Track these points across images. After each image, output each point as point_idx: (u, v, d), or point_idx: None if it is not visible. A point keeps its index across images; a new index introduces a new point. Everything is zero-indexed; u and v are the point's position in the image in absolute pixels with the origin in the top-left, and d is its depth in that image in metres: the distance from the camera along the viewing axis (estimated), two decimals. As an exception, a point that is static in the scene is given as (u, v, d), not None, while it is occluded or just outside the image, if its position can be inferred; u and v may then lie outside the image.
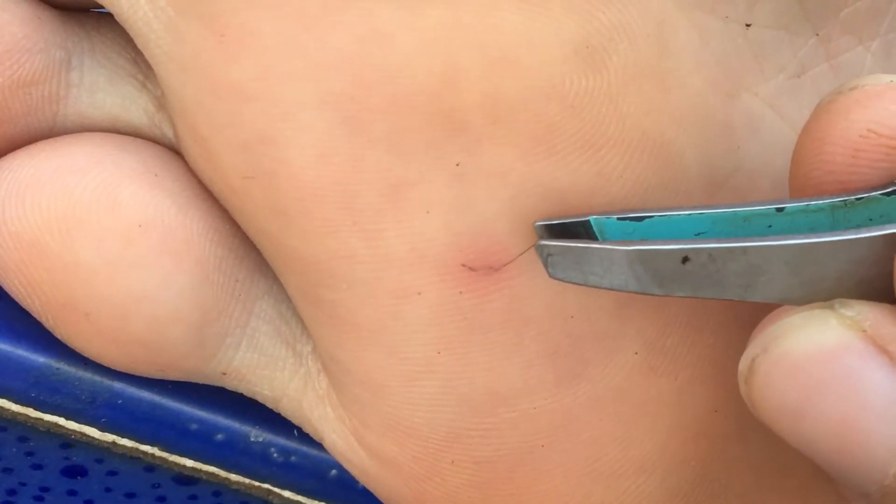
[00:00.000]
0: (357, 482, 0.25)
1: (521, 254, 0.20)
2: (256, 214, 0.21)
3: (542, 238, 0.20)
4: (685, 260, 0.19)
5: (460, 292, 0.21)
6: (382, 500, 0.24)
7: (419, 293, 0.21)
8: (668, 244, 0.19)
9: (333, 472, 0.26)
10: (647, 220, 0.20)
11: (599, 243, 0.20)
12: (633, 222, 0.20)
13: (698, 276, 0.19)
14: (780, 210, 0.19)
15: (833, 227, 0.19)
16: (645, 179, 0.21)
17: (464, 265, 0.21)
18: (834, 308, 0.18)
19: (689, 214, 0.20)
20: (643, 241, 0.19)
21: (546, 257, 0.20)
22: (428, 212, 0.21)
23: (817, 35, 0.22)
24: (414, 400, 0.22)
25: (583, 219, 0.20)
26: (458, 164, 0.20)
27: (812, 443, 0.18)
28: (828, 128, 0.19)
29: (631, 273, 0.19)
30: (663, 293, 0.19)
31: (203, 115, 0.21)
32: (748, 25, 0.21)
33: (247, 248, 0.23)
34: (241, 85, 0.20)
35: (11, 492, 0.26)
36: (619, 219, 0.20)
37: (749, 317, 0.22)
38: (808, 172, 0.19)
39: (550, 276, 0.20)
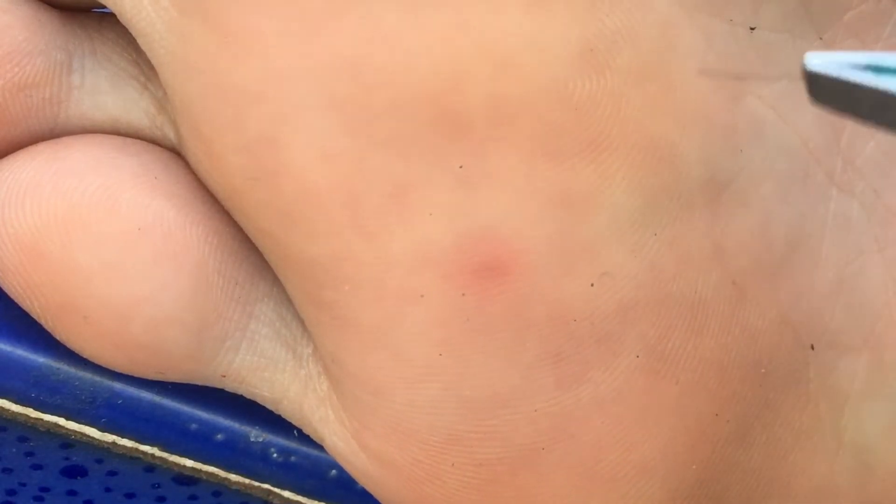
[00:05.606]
0: (357, 482, 0.25)
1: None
2: (259, 215, 0.21)
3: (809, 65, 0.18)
4: None
5: (463, 294, 0.21)
6: (382, 503, 0.23)
7: (422, 295, 0.21)
8: None
9: (333, 472, 0.26)
10: None
11: (874, 80, 0.17)
12: None
13: None
14: None
15: None
16: (648, 182, 0.21)
17: (467, 267, 0.21)
18: None
19: None
20: None
21: (811, 81, 0.17)
22: (431, 214, 0.21)
23: (821, 38, 0.22)
24: (415, 402, 0.22)
25: (859, 53, 0.17)
26: (461, 167, 0.20)
27: None
28: None
29: None
30: None
31: (206, 116, 0.21)
32: (752, 29, 0.21)
33: (246, 250, 0.23)
34: (245, 86, 0.20)
35: (11, 492, 0.26)
36: None
37: (751, 321, 0.22)
38: None
39: (813, 102, 0.17)
